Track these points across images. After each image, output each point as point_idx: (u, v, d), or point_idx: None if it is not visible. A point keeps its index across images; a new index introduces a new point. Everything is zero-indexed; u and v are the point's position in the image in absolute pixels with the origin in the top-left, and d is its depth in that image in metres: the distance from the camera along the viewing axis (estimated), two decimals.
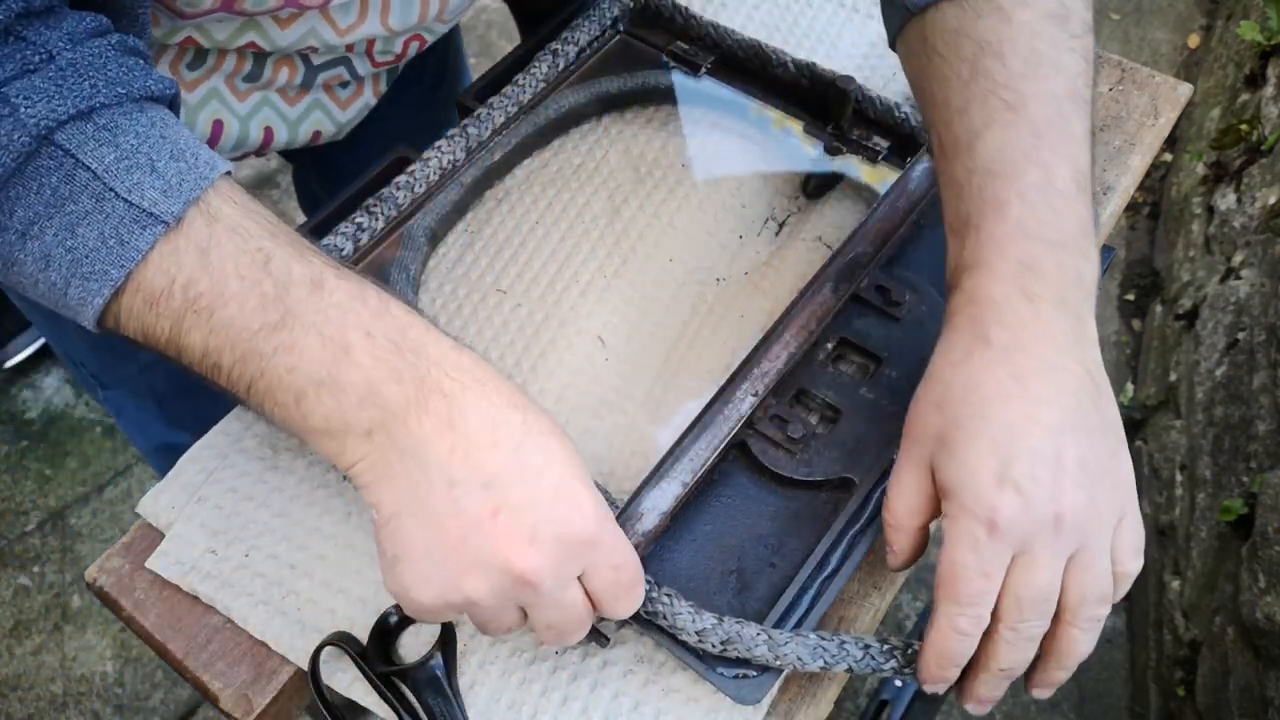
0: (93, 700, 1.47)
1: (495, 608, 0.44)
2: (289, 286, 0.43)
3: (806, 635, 0.49)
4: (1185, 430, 1.46)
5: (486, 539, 0.42)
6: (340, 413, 0.43)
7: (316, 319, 0.43)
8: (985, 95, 0.51)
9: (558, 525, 0.43)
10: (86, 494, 1.65)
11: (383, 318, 0.44)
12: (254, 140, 0.72)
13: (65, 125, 0.43)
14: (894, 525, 0.50)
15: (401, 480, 0.43)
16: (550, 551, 0.43)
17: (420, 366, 0.43)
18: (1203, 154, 1.75)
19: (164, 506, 0.58)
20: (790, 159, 0.72)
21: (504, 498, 0.43)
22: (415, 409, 0.43)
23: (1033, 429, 0.45)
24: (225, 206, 0.45)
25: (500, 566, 0.42)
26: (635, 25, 0.77)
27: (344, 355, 0.43)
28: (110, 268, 0.43)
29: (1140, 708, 1.40)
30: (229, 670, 0.54)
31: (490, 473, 0.43)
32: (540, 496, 0.43)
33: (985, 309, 0.48)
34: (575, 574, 0.44)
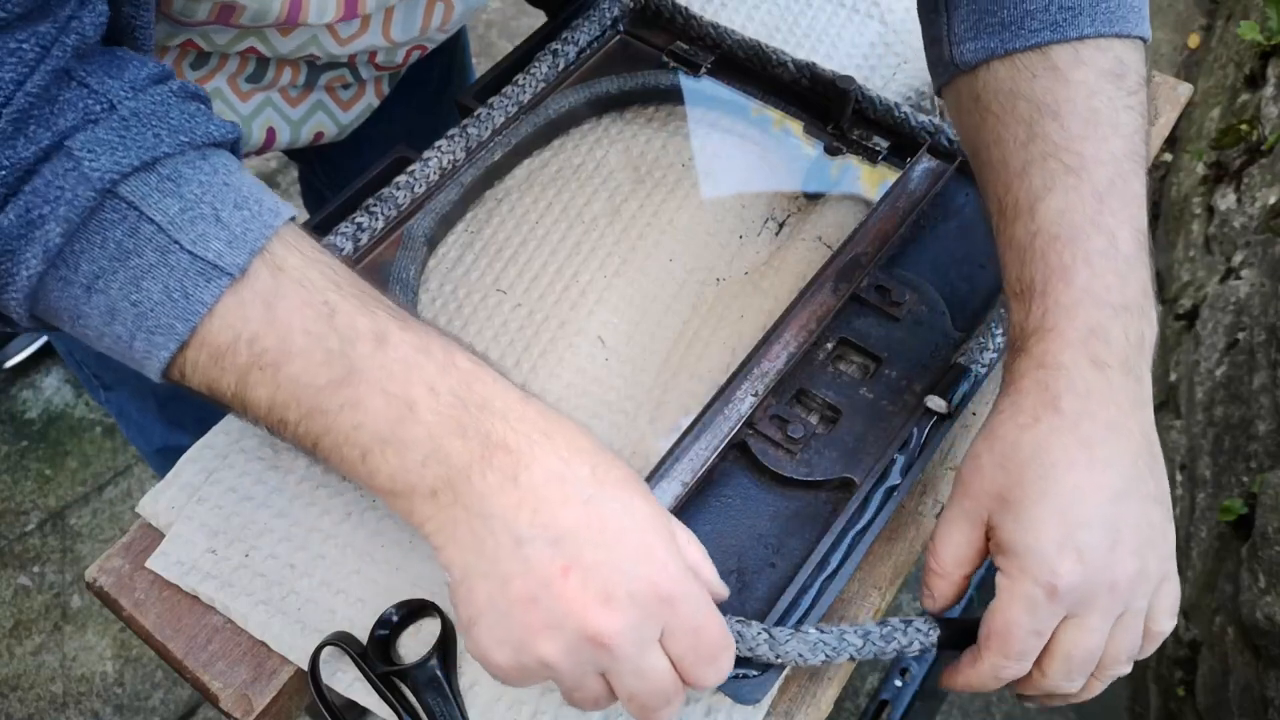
0: (93, 700, 1.47)
1: (573, 673, 0.42)
2: (354, 342, 0.43)
3: (807, 631, 0.49)
4: (1185, 430, 1.46)
5: (557, 598, 0.40)
6: (405, 471, 0.42)
7: (380, 375, 0.43)
8: (1045, 158, 0.51)
9: (632, 583, 0.41)
10: (86, 494, 1.65)
11: (448, 371, 0.43)
12: (256, 140, 0.72)
13: (129, 177, 0.42)
14: (939, 573, 0.50)
15: (469, 540, 0.42)
16: (625, 611, 0.41)
17: (485, 421, 0.42)
18: (1203, 154, 1.75)
19: (164, 506, 0.58)
20: (790, 159, 0.72)
21: (575, 555, 0.41)
22: (479, 465, 0.42)
23: (1098, 496, 0.46)
24: (290, 256, 0.44)
25: (573, 627, 0.41)
26: (635, 25, 0.77)
27: (408, 412, 0.42)
28: (175, 321, 0.42)
29: (1140, 708, 1.40)
30: (229, 670, 0.54)
31: (560, 529, 0.41)
32: (613, 553, 0.41)
33: (1055, 374, 0.48)
34: (654, 637, 0.42)
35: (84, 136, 0.42)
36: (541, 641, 0.41)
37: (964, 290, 0.63)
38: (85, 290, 0.43)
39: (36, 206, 0.41)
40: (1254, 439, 1.25)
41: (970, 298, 0.62)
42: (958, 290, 0.63)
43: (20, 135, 0.41)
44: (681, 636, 0.42)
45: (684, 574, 0.43)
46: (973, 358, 0.57)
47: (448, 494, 0.42)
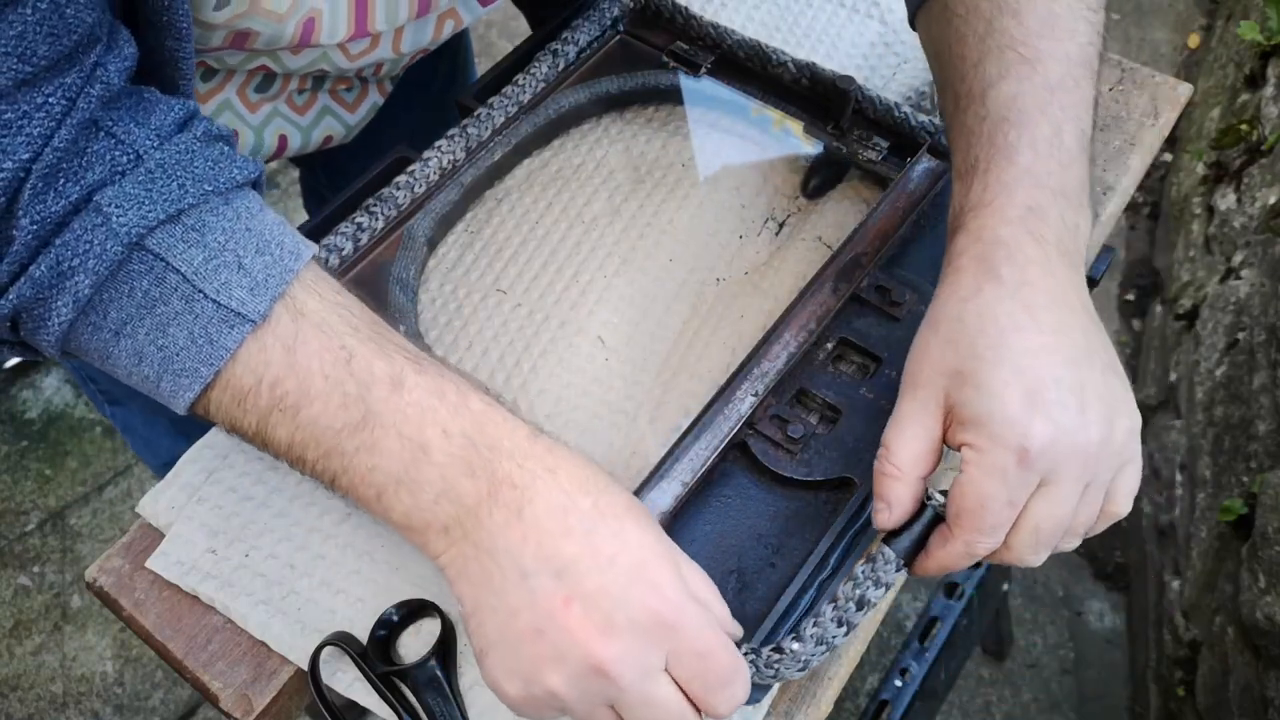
0: (93, 700, 1.47)
1: (582, 705, 0.42)
2: (370, 386, 0.44)
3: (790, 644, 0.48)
4: (1185, 430, 1.46)
5: (560, 630, 0.41)
6: (419, 509, 0.44)
7: (396, 419, 0.44)
8: (1001, 49, 0.52)
9: (632, 610, 0.41)
10: (86, 494, 1.65)
11: (460, 413, 0.45)
12: (269, 148, 0.72)
13: (155, 230, 0.44)
14: (894, 475, 0.48)
15: (478, 574, 0.43)
16: (626, 638, 0.41)
17: (493, 460, 0.44)
18: (1203, 154, 1.75)
19: (164, 506, 0.58)
20: (790, 159, 0.72)
21: (576, 586, 0.42)
22: (487, 503, 0.43)
23: (1055, 358, 0.45)
24: (311, 300, 0.46)
25: (576, 658, 0.41)
26: (635, 25, 0.77)
27: (422, 454, 0.44)
28: (200, 365, 0.44)
29: (1140, 708, 1.40)
30: (229, 670, 0.54)
31: (562, 561, 0.42)
32: (614, 582, 0.42)
33: (993, 248, 0.48)
34: (659, 665, 0.42)
35: (112, 191, 0.43)
36: (548, 673, 0.42)
37: None
38: (114, 335, 0.45)
39: (66, 259, 0.43)
40: (1254, 439, 1.25)
41: None
42: None
43: (50, 190, 0.42)
44: (688, 661, 0.42)
45: (686, 599, 0.43)
46: None
47: (458, 530, 0.44)
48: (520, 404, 0.61)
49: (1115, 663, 1.47)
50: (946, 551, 0.47)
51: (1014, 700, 1.43)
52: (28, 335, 0.46)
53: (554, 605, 0.42)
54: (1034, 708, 1.42)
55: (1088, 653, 1.48)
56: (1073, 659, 1.47)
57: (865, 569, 0.49)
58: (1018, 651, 1.47)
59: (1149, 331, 1.76)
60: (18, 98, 0.40)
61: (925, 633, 1.15)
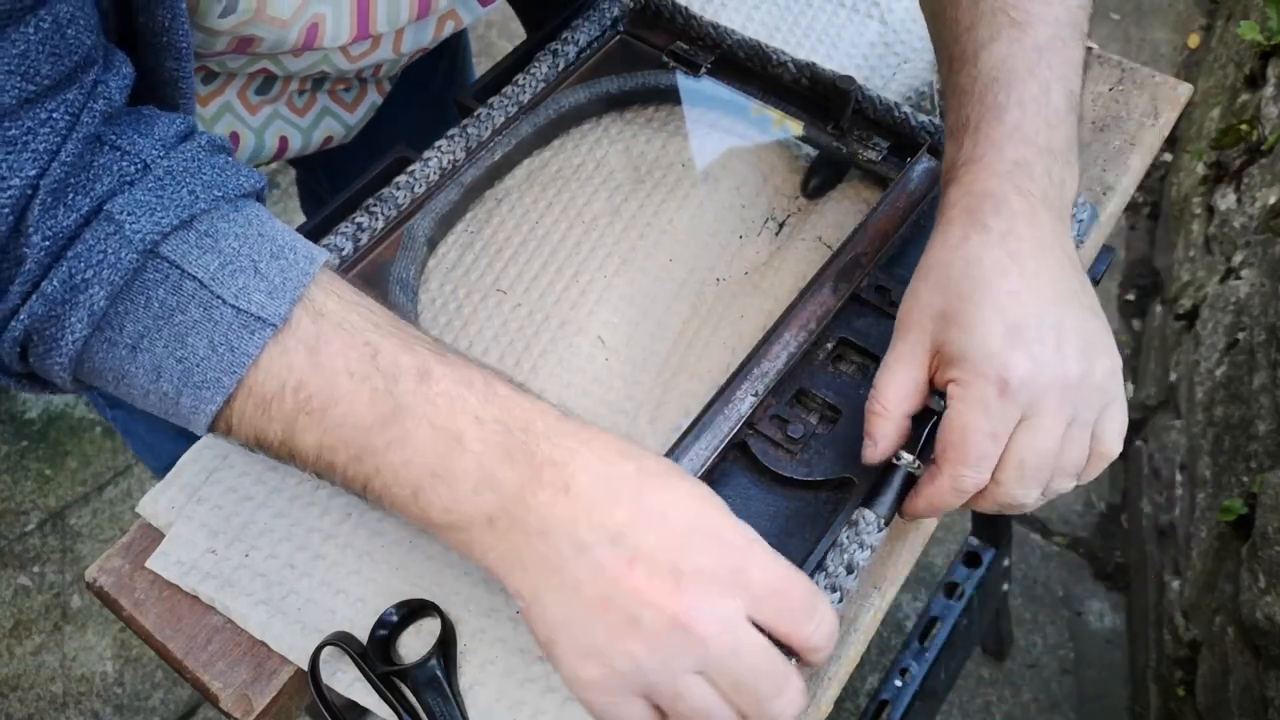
0: (93, 700, 1.47)
1: (667, 674, 0.40)
2: (398, 379, 0.43)
3: None
4: (1185, 430, 1.46)
5: (629, 593, 0.40)
6: (458, 502, 0.43)
7: (427, 409, 0.43)
8: (994, 13, 0.55)
9: (698, 558, 0.40)
10: (86, 494, 1.65)
11: (490, 400, 0.44)
12: (270, 149, 0.72)
13: (169, 236, 0.43)
14: (881, 413, 0.50)
15: (533, 560, 0.42)
16: (699, 589, 0.40)
17: (530, 442, 0.43)
18: (1203, 154, 1.75)
19: (164, 506, 0.58)
20: (790, 159, 0.73)
21: (636, 547, 0.41)
22: (530, 484, 0.42)
23: (1035, 299, 0.48)
24: (329, 301, 0.45)
25: (651, 618, 0.40)
26: (635, 25, 0.77)
27: (456, 444, 0.43)
28: (222, 375, 0.43)
29: (1140, 708, 1.40)
30: (229, 670, 0.54)
31: (617, 527, 0.41)
32: (672, 536, 0.41)
33: (982, 200, 0.50)
34: (739, 612, 0.41)
35: (123, 199, 0.42)
36: (626, 642, 0.40)
37: None
38: (130, 350, 0.44)
39: (80, 271, 0.42)
40: (1254, 439, 1.25)
41: None
42: None
43: (60, 204, 0.42)
44: (767, 601, 0.41)
45: (748, 540, 0.42)
46: None
47: (504, 520, 0.42)
48: None
49: (1115, 663, 1.47)
50: (934, 488, 0.49)
51: (1014, 700, 1.43)
52: (38, 361, 0.45)
53: (618, 570, 0.40)
54: (1034, 708, 1.42)
55: (1088, 653, 1.48)
56: (1073, 659, 1.47)
57: (849, 534, 0.50)
58: (1018, 651, 1.47)
59: (1149, 331, 1.76)
60: (22, 115, 0.40)
61: (925, 633, 1.15)
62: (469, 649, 0.53)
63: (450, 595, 0.55)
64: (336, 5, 0.58)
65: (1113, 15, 2.25)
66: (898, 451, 0.52)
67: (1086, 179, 0.71)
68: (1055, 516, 1.61)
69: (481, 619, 0.54)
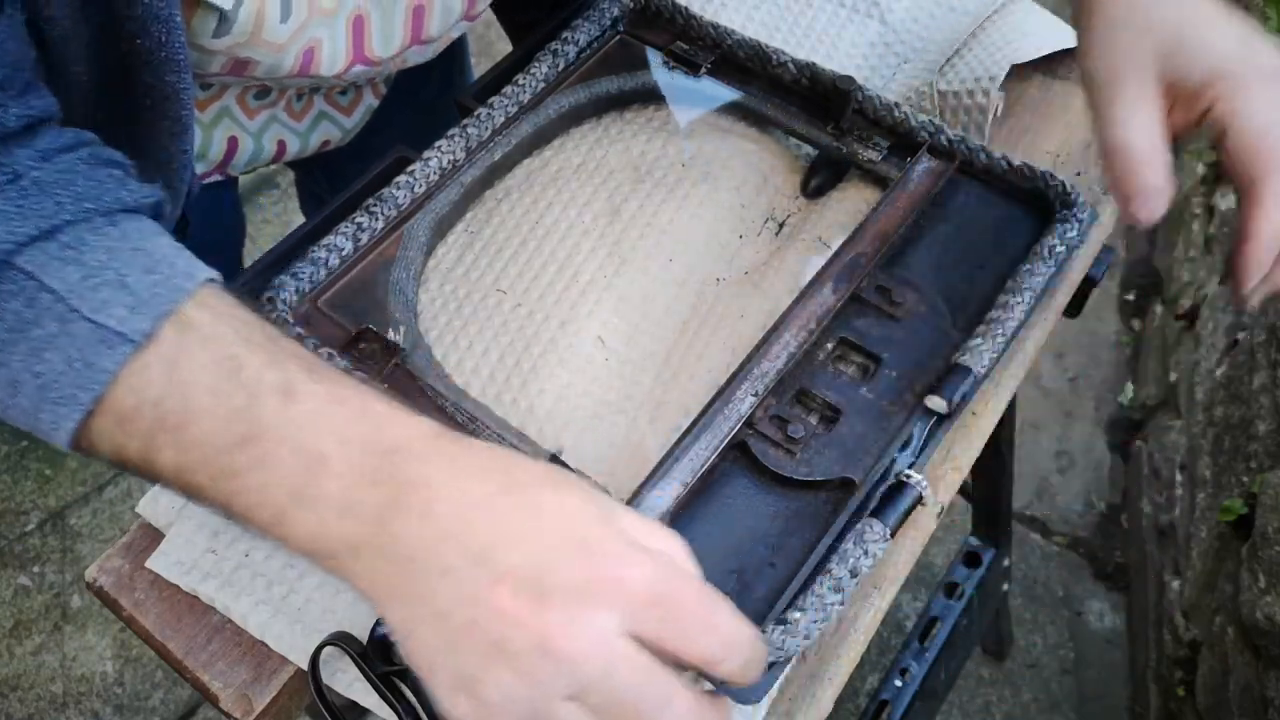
0: (93, 700, 1.47)
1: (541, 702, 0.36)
2: (260, 396, 0.41)
3: (794, 615, 0.49)
4: (1185, 430, 1.46)
5: (493, 614, 0.37)
6: (322, 529, 0.40)
7: (289, 430, 0.40)
8: None
9: (563, 574, 0.37)
10: (86, 494, 1.65)
11: (361, 419, 0.41)
12: (268, 153, 0.72)
13: (26, 247, 0.41)
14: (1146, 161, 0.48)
15: (401, 590, 0.39)
16: (566, 605, 0.36)
17: (398, 464, 0.40)
18: (1203, 154, 1.75)
19: (164, 506, 0.58)
20: (790, 159, 0.73)
21: (499, 565, 0.37)
22: (391, 509, 0.39)
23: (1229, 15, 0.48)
24: (201, 314, 0.42)
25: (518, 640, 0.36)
26: (635, 25, 0.77)
27: (319, 466, 0.40)
28: (78, 391, 0.41)
29: (1140, 708, 1.40)
30: (229, 670, 0.54)
31: (479, 547, 0.38)
32: (538, 549, 0.38)
33: None
34: (614, 626, 0.37)
35: None
36: (494, 669, 0.37)
37: (964, 290, 0.63)
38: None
39: None
40: (1254, 439, 1.25)
41: (970, 298, 0.62)
42: (958, 290, 0.63)
43: None
44: (646, 613, 0.37)
45: (624, 548, 0.38)
46: (973, 358, 0.57)
47: (368, 548, 0.39)
48: (520, 404, 0.61)
49: (1115, 663, 1.47)
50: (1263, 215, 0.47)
51: (1014, 700, 1.43)
52: None
53: (481, 592, 0.37)
54: (1034, 708, 1.42)
55: (1088, 653, 1.48)
56: (1073, 659, 1.47)
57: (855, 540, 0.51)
58: (1018, 651, 1.47)
59: (1149, 331, 1.76)
60: None
61: (925, 633, 1.15)
62: None
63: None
64: (333, 30, 0.58)
65: None
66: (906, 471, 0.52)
67: (1086, 179, 0.71)
68: (1055, 516, 1.61)
69: None
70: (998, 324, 0.59)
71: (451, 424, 0.58)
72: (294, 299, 0.62)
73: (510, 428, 0.58)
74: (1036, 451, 1.67)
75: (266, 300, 0.61)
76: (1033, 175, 0.65)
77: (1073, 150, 0.73)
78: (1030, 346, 0.64)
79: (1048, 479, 1.65)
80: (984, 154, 0.67)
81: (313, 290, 0.63)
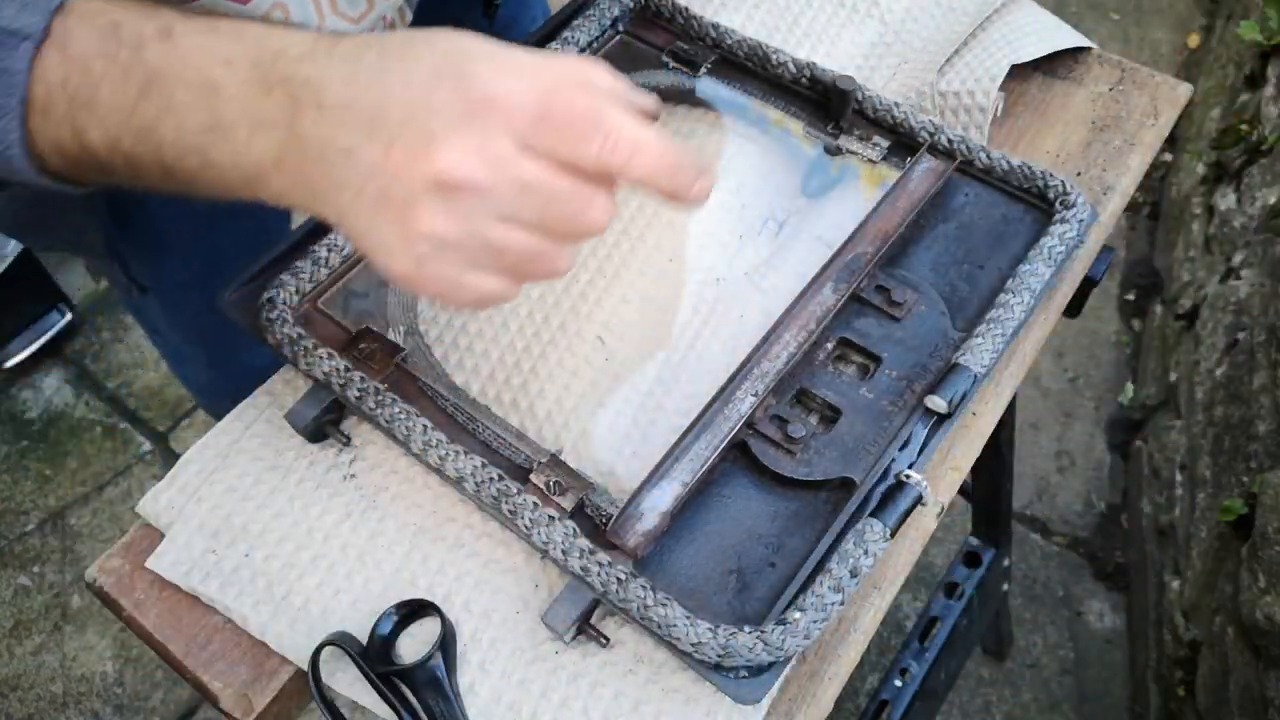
0: (93, 700, 1.47)
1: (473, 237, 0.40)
2: (142, 45, 0.42)
3: (794, 615, 0.49)
4: (1185, 430, 1.46)
5: (395, 176, 0.39)
6: (242, 153, 0.42)
7: (177, 68, 0.42)
8: None
9: (444, 113, 0.39)
10: (86, 494, 1.65)
11: (239, 39, 0.42)
12: None
13: None
14: None
15: (323, 184, 0.41)
16: (455, 140, 0.39)
17: (281, 68, 0.41)
18: (1203, 154, 1.75)
19: (164, 506, 0.58)
20: (790, 159, 0.72)
21: (387, 130, 0.39)
22: (291, 112, 0.41)
23: None
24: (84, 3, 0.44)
25: (424, 188, 0.39)
26: (635, 25, 0.77)
27: (214, 93, 0.42)
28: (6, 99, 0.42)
29: (1140, 708, 1.40)
30: (229, 670, 0.54)
31: (368, 117, 0.40)
32: (416, 99, 0.39)
33: None
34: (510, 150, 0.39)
35: None
36: (416, 224, 0.39)
37: (964, 290, 0.63)
38: None
39: None
40: (1254, 439, 1.25)
41: (970, 298, 0.63)
42: (958, 290, 0.63)
43: None
44: (537, 128, 0.39)
45: (498, 74, 0.39)
46: (973, 358, 0.57)
47: (288, 158, 0.41)
48: (520, 404, 0.61)
49: (1115, 663, 1.47)
50: None
51: (1014, 700, 1.43)
52: None
53: (379, 159, 0.39)
54: (1034, 708, 1.42)
55: (1088, 653, 1.48)
56: (1073, 659, 1.47)
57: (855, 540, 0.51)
58: (1018, 651, 1.47)
59: (1149, 331, 1.76)
60: None
61: (925, 633, 1.15)
62: (469, 649, 0.53)
63: (449, 596, 0.55)
64: None
65: (1113, 15, 2.25)
66: (907, 472, 0.53)
67: (1086, 179, 0.71)
68: (1055, 516, 1.61)
69: (480, 620, 0.54)
70: (998, 324, 0.59)
71: (452, 424, 0.58)
72: (294, 299, 0.62)
73: (510, 427, 0.58)
74: (1036, 451, 1.67)
75: (266, 300, 0.61)
76: (1032, 175, 0.65)
77: (1073, 150, 0.73)
78: (1030, 346, 0.64)
79: (1048, 479, 1.65)
80: (984, 154, 0.67)
81: (313, 290, 0.63)
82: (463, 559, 0.56)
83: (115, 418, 1.73)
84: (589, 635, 0.52)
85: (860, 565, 0.50)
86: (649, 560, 0.53)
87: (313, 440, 0.60)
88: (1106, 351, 1.79)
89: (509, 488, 0.53)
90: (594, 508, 0.54)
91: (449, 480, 0.55)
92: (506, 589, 0.55)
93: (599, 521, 0.54)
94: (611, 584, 0.50)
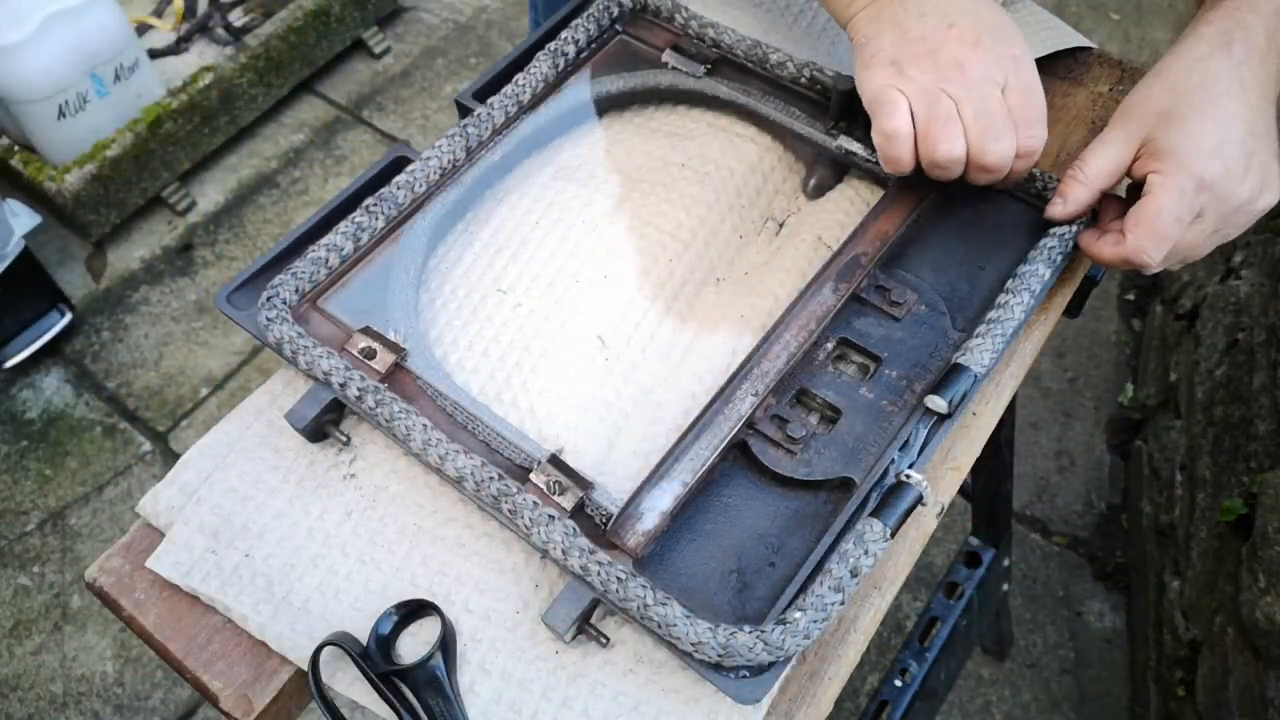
0: (93, 700, 1.47)
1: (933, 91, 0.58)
2: None
3: (794, 615, 0.49)
4: (1185, 430, 1.46)
5: (937, 36, 0.59)
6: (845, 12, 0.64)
7: None
8: None
9: (997, 41, 0.59)
10: (86, 494, 1.65)
11: None
12: None
13: None
14: (1081, 181, 0.61)
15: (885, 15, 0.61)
16: (985, 54, 0.59)
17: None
18: None
19: (164, 507, 0.58)
20: (790, 159, 0.72)
21: (959, 21, 0.59)
22: None
23: (1243, 127, 0.58)
24: None
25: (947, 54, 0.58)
26: (635, 25, 0.77)
27: None
28: None
29: (1140, 708, 1.40)
30: (229, 670, 0.54)
31: (946, 8, 0.60)
32: (982, 22, 0.60)
33: (1236, 27, 0.61)
34: (998, 82, 0.58)
35: None
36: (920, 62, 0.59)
37: (964, 290, 0.63)
38: None
39: None
40: (1254, 439, 1.25)
41: (970, 298, 0.63)
42: (958, 290, 0.63)
43: None
44: (1017, 94, 0.59)
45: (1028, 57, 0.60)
46: (973, 358, 0.57)
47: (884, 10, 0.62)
48: (520, 403, 0.61)
49: (1115, 663, 1.47)
50: (1117, 250, 0.60)
51: (1014, 700, 1.43)
52: None
53: (937, 29, 0.60)
54: (1034, 708, 1.42)
55: (1088, 653, 1.48)
56: (1073, 659, 1.47)
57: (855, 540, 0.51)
58: (1018, 651, 1.47)
59: (1149, 331, 1.76)
60: None
61: (925, 633, 1.15)
62: (469, 649, 0.53)
63: (449, 595, 0.55)
64: None
65: (1113, 15, 2.25)
66: (907, 471, 0.53)
67: None
68: (1055, 516, 1.61)
69: (480, 620, 0.54)
70: (998, 324, 0.59)
71: (451, 423, 0.58)
72: (294, 299, 0.62)
73: (511, 427, 0.58)
74: (1036, 451, 1.67)
75: (266, 300, 0.61)
76: (1033, 176, 0.65)
77: (1073, 150, 0.73)
78: (1030, 346, 0.64)
79: (1048, 479, 1.65)
80: None
81: (313, 290, 0.63)
82: (463, 559, 0.56)
83: (115, 418, 1.73)
84: (589, 635, 0.52)
85: (860, 565, 0.50)
86: (649, 560, 0.53)
87: (313, 440, 0.60)
88: (1106, 351, 1.79)
89: (509, 487, 0.53)
90: (594, 507, 0.54)
91: (449, 480, 0.55)
92: (506, 589, 0.55)
93: (599, 521, 0.54)
94: (611, 583, 0.50)
